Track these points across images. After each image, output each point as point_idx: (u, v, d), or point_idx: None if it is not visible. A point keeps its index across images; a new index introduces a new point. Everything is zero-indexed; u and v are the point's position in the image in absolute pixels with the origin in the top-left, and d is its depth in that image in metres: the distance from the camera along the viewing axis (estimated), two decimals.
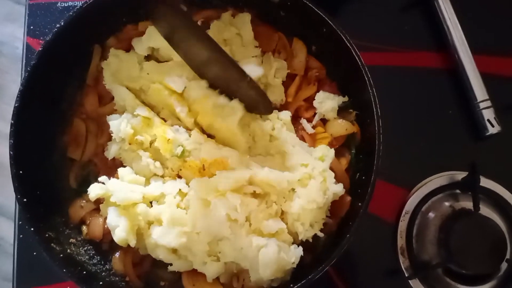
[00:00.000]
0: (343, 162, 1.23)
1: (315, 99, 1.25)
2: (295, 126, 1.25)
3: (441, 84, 1.43)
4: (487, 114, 1.35)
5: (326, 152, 1.19)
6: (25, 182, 1.10)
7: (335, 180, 1.16)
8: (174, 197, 1.13)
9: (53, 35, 1.13)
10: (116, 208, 1.11)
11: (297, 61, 1.28)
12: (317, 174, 1.14)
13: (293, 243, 1.13)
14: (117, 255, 1.20)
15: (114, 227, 1.10)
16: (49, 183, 1.20)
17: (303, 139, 1.24)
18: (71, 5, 1.47)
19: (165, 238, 1.08)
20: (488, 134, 1.35)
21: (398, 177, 1.36)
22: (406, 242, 1.31)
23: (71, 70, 1.25)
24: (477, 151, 1.39)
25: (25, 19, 1.47)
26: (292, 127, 1.24)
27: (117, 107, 1.24)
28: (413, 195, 1.34)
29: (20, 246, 1.32)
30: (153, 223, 1.12)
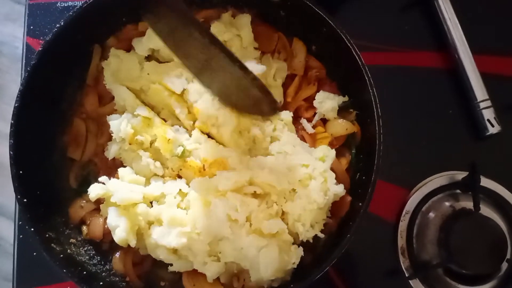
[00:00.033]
0: (344, 162, 1.23)
1: (315, 99, 1.25)
2: (295, 126, 1.25)
3: (441, 84, 1.43)
4: (487, 114, 1.35)
5: (326, 152, 1.19)
6: (25, 182, 1.10)
7: (335, 180, 1.16)
8: (174, 197, 1.13)
9: (53, 35, 1.13)
10: (116, 208, 1.11)
11: (297, 61, 1.28)
12: (318, 174, 1.14)
13: (293, 243, 1.13)
14: (117, 255, 1.20)
15: (114, 227, 1.10)
16: (49, 183, 1.20)
17: (303, 139, 1.24)
18: (71, 5, 1.47)
19: (165, 238, 1.08)
20: (488, 134, 1.35)
21: (398, 177, 1.36)
22: (406, 242, 1.31)
23: (71, 70, 1.25)
24: (477, 151, 1.39)
25: (25, 19, 1.47)
26: (293, 127, 1.24)
27: (118, 107, 1.24)
28: (414, 195, 1.34)
29: (20, 246, 1.32)
30: (153, 223, 1.12)
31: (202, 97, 1.17)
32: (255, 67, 1.19)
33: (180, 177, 1.18)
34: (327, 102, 1.23)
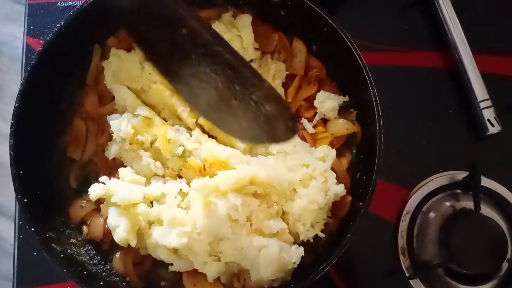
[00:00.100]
0: (344, 162, 1.23)
1: (315, 99, 1.25)
2: None
3: (441, 83, 1.43)
4: (488, 113, 1.35)
5: (327, 152, 1.19)
6: (26, 182, 1.10)
7: (336, 180, 1.16)
8: (174, 197, 1.13)
9: (53, 35, 1.13)
10: (116, 208, 1.11)
11: (297, 61, 1.28)
12: (318, 174, 1.14)
13: (294, 243, 1.13)
14: (118, 255, 1.20)
15: (114, 227, 1.10)
16: (49, 183, 1.20)
17: (304, 138, 1.24)
18: (71, 5, 1.47)
19: (165, 238, 1.08)
20: (488, 133, 1.35)
21: (398, 177, 1.36)
22: (406, 242, 1.30)
23: (71, 70, 1.25)
24: (477, 150, 1.39)
25: (25, 19, 1.47)
26: None
27: (118, 107, 1.24)
28: (414, 195, 1.34)
29: (20, 246, 1.32)
30: (153, 223, 1.12)
31: None
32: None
33: (180, 177, 1.18)
34: (327, 102, 1.23)
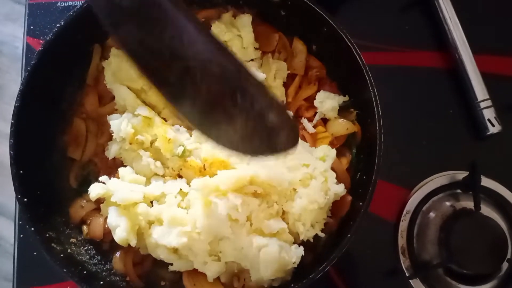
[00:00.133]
0: (344, 161, 1.23)
1: (315, 99, 1.25)
2: None
3: (441, 83, 1.43)
4: (488, 113, 1.35)
5: (327, 152, 1.18)
6: (26, 182, 1.10)
7: (336, 180, 1.16)
8: (175, 196, 1.13)
9: (53, 35, 1.13)
10: (116, 207, 1.11)
11: (297, 61, 1.28)
12: (318, 174, 1.14)
13: (294, 242, 1.13)
14: (118, 255, 1.20)
15: (114, 226, 1.10)
16: (49, 183, 1.20)
17: (304, 138, 1.24)
18: (71, 5, 1.47)
19: (165, 237, 1.08)
20: (488, 133, 1.35)
21: (398, 176, 1.36)
22: (406, 242, 1.30)
23: (71, 70, 1.25)
24: (477, 150, 1.39)
25: (25, 18, 1.47)
26: None
27: (118, 106, 1.24)
28: (414, 195, 1.34)
29: (20, 246, 1.32)
30: (153, 223, 1.12)
31: None
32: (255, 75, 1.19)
33: (180, 176, 1.18)
34: (327, 101, 1.23)
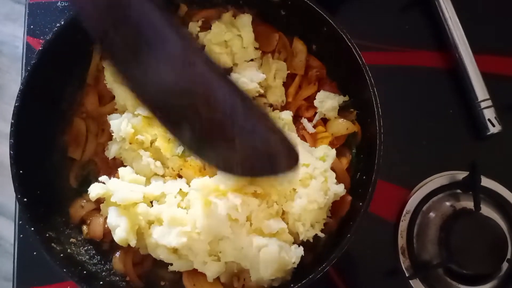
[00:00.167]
0: (344, 161, 1.23)
1: (315, 99, 1.25)
2: (296, 125, 1.25)
3: (441, 83, 1.43)
4: (488, 113, 1.35)
5: (327, 152, 1.18)
6: (26, 182, 1.09)
7: (336, 180, 1.16)
8: (174, 196, 1.13)
9: (53, 35, 1.13)
10: (116, 207, 1.11)
11: (297, 61, 1.28)
12: (318, 174, 1.13)
13: (293, 243, 1.13)
14: (118, 255, 1.19)
15: (114, 226, 1.10)
16: (49, 183, 1.20)
17: (304, 138, 1.24)
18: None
19: (165, 237, 1.08)
20: (489, 133, 1.35)
21: (398, 176, 1.36)
22: (406, 242, 1.30)
23: (71, 69, 1.25)
24: (477, 150, 1.39)
25: (25, 18, 1.47)
26: (293, 126, 1.23)
27: (118, 106, 1.24)
28: (414, 195, 1.34)
29: (20, 246, 1.32)
30: (153, 223, 1.12)
31: None
32: (255, 75, 1.19)
33: (180, 176, 1.18)
34: (327, 101, 1.23)
